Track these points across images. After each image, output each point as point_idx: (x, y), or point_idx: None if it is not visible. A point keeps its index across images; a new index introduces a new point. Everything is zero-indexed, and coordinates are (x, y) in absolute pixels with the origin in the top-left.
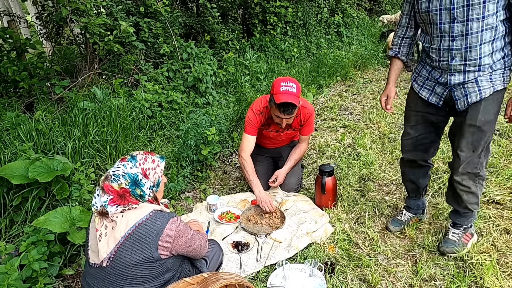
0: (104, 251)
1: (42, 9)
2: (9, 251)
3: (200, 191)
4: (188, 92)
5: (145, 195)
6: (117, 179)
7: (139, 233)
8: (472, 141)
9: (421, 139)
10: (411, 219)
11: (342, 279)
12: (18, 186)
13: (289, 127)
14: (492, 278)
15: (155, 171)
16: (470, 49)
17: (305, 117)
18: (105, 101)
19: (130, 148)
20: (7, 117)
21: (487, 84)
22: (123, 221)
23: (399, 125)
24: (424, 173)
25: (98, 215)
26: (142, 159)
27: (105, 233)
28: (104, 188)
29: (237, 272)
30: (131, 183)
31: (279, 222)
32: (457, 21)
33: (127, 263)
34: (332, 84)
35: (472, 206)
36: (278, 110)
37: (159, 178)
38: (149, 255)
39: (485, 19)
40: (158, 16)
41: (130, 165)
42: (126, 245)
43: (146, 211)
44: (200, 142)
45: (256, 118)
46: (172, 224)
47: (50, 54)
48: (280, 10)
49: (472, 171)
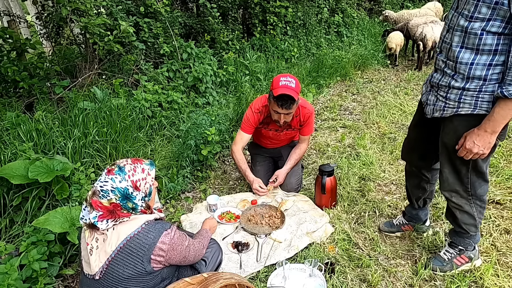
0: (96, 265)
1: (42, 9)
2: (9, 251)
3: (200, 191)
4: (188, 92)
5: (138, 207)
6: (106, 195)
7: (131, 247)
8: (450, 159)
9: (416, 142)
10: (403, 225)
11: (342, 279)
12: (18, 186)
13: (288, 127)
14: (492, 278)
15: (146, 180)
16: (451, 46)
17: (304, 117)
18: (105, 101)
19: (130, 148)
20: (7, 117)
21: (452, 104)
22: (114, 234)
23: (399, 125)
24: (416, 184)
25: (88, 228)
26: (131, 170)
27: (96, 246)
28: (93, 204)
29: (237, 272)
30: (122, 197)
31: (279, 222)
32: (456, 11)
33: (119, 277)
34: (332, 84)
35: (467, 227)
36: (276, 104)
37: (151, 187)
38: (141, 269)
39: (473, 21)
40: (158, 16)
41: (118, 178)
42: (118, 259)
43: (138, 224)
44: (200, 142)
45: (254, 116)
46: (166, 237)
47: (50, 54)
48: (280, 10)
49: (461, 188)
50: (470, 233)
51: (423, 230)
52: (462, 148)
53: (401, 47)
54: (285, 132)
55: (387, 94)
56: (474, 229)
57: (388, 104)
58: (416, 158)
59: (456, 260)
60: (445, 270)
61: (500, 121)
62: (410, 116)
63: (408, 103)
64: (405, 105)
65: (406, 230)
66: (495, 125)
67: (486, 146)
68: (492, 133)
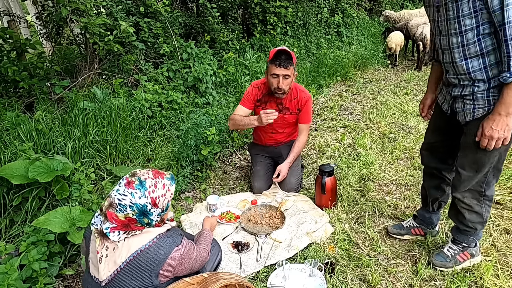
0: (104, 273)
1: (42, 9)
2: (9, 251)
3: (200, 191)
4: (188, 92)
5: (153, 222)
6: (123, 209)
7: (140, 261)
8: (475, 160)
9: (436, 147)
10: (413, 228)
11: (342, 279)
12: (18, 186)
13: (286, 110)
14: (492, 278)
15: (165, 197)
16: (455, 63)
17: (302, 100)
18: (105, 101)
19: (130, 148)
20: (7, 117)
21: (482, 103)
22: (125, 245)
23: (399, 125)
24: (436, 185)
25: (99, 235)
26: (151, 186)
27: (105, 255)
28: (107, 215)
29: (237, 272)
30: (139, 213)
31: (279, 222)
32: (442, 35)
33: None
34: (332, 84)
35: (474, 225)
36: (274, 65)
37: (169, 202)
38: (149, 282)
39: (464, 34)
40: (158, 16)
41: (138, 194)
42: (126, 270)
43: (149, 237)
44: (200, 142)
45: (253, 91)
46: (176, 253)
47: (50, 54)
48: (280, 10)
49: (475, 189)
50: (477, 230)
51: (433, 234)
52: (483, 137)
53: (401, 47)
54: (282, 116)
55: (387, 94)
56: (480, 227)
57: (388, 104)
58: (437, 161)
59: (459, 257)
60: (448, 266)
61: (510, 102)
62: (410, 116)
63: (408, 103)
64: (405, 105)
65: (416, 234)
66: (507, 107)
67: (505, 128)
68: (508, 115)
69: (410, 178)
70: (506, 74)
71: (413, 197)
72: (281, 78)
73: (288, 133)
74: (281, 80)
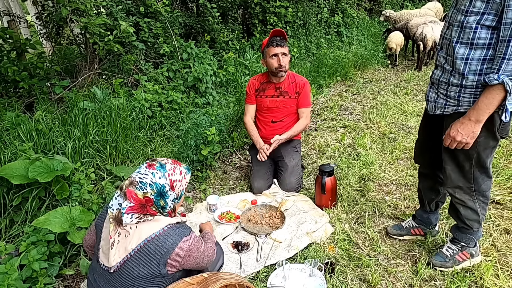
0: (114, 259)
1: (42, 9)
2: (9, 251)
3: (200, 191)
4: (188, 92)
5: (167, 207)
6: (144, 187)
7: (149, 248)
8: (453, 156)
9: (426, 144)
10: (413, 228)
11: (342, 279)
12: (18, 186)
13: (285, 94)
14: (492, 278)
15: (181, 183)
16: (451, 42)
17: (299, 84)
18: (105, 101)
19: (130, 148)
20: (7, 117)
21: (453, 102)
22: (136, 232)
23: (399, 125)
24: (430, 185)
25: (114, 220)
26: (171, 170)
27: (117, 241)
28: (127, 193)
29: (237, 272)
30: (157, 193)
31: (279, 222)
32: (455, 8)
33: (134, 275)
34: (332, 84)
35: (471, 222)
36: (272, 46)
37: (183, 190)
38: (156, 271)
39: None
40: (158, 16)
41: (159, 174)
42: (136, 257)
43: (160, 226)
44: (200, 142)
45: (252, 83)
46: (184, 244)
47: (50, 54)
48: (280, 10)
49: (464, 185)
50: (473, 229)
51: (433, 234)
52: (446, 136)
53: (401, 47)
54: (282, 100)
55: (387, 94)
56: (477, 225)
57: (388, 104)
58: (428, 159)
59: (458, 257)
60: (447, 266)
61: (483, 109)
62: (410, 116)
63: (408, 103)
64: (405, 105)
65: (416, 234)
66: (479, 113)
67: (470, 135)
68: (476, 122)
69: (410, 178)
70: (494, 76)
71: (413, 197)
72: (280, 56)
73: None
74: (281, 58)
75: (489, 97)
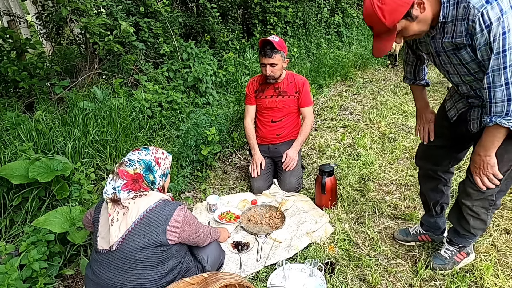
0: (115, 235)
1: (42, 9)
2: (9, 251)
3: (200, 191)
4: (188, 92)
5: (156, 182)
6: (132, 163)
7: (149, 218)
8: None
9: (433, 149)
10: (420, 235)
11: (342, 279)
12: (18, 186)
13: (284, 94)
14: (492, 278)
15: (165, 161)
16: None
17: (299, 83)
18: (105, 101)
19: (130, 148)
20: (7, 117)
21: None
22: (135, 207)
23: (399, 125)
24: (433, 187)
25: (111, 201)
26: (154, 149)
27: (117, 219)
28: (119, 173)
29: (237, 272)
30: (145, 168)
31: (279, 222)
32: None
33: (135, 247)
34: (332, 84)
35: (475, 231)
36: (261, 55)
37: (168, 169)
38: (157, 239)
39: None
40: (158, 16)
41: (144, 153)
42: (136, 229)
43: (155, 199)
44: (200, 142)
45: (251, 85)
46: (180, 211)
47: (50, 54)
48: (280, 10)
49: (487, 198)
50: (476, 236)
51: (441, 240)
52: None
53: (401, 47)
54: (281, 100)
55: (387, 94)
56: (481, 232)
57: (388, 104)
58: (432, 162)
59: (456, 257)
60: (448, 268)
61: (489, 146)
62: (410, 116)
63: (408, 103)
64: (405, 105)
65: (423, 241)
66: (486, 150)
67: (487, 166)
68: (486, 156)
69: (410, 178)
70: (487, 119)
71: (413, 197)
72: (268, 67)
73: (288, 125)
74: (268, 68)
75: (491, 135)
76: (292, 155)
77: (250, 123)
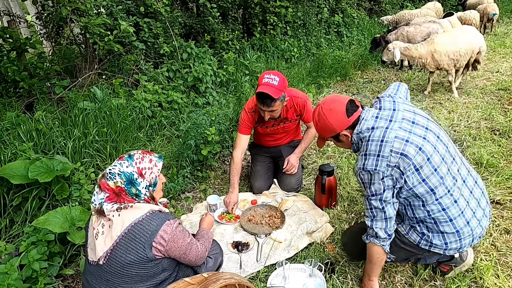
0: (101, 249)
1: (42, 9)
2: (9, 251)
3: (200, 191)
4: (188, 92)
5: (141, 194)
6: (113, 177)
7: (134, 233)
8: None
9: None
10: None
11: (342, 279)
12: (18, 186)
13: (285, 120)
14: (492, 278)
15: (152, 170)
16: None
17: (299, 106)
18: (105, 101)
19: (130, 148)
20: (7, 117)
21: None
22: (119, 220)
23: None
24: None
25: (96, 213)
26: (139, 159)
27: (101, 232)
28: (101, 185)
29: (237, 272)
30: (127, 182)
31: (279, 222)
32: None
33: (122, 262)
34: (332, 84)
35: None
36: (258, 102)
37: (156, 178)
38: (143, 255)
39: None
40: (158, 16)
41: (126, 164)
42: (122, 243)
43: (142, 211)
44: (200, 142)
45: (249, 116)
46: (168, 227)
47: (50, 54)
48: (280, 10)
49: None
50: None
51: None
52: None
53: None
54: (283, 125)
55: None
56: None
57: None
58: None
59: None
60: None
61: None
62: None
63: None
64: None
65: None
66: (369, 274)
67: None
68: (369, 280)
69: None
70: (364, 236)
71: None
72: (266, 113)
73: (290, 133)
74: (267, 113)
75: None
76: (294, 162)
77: (240, 157)
